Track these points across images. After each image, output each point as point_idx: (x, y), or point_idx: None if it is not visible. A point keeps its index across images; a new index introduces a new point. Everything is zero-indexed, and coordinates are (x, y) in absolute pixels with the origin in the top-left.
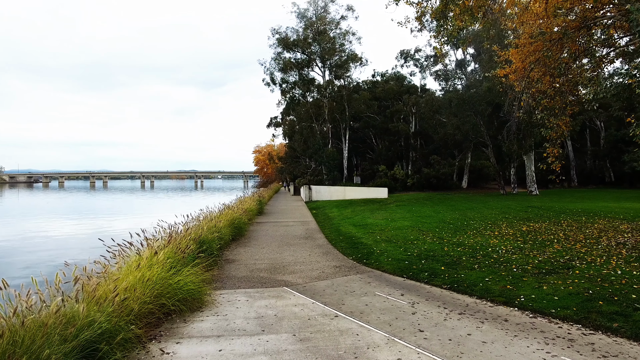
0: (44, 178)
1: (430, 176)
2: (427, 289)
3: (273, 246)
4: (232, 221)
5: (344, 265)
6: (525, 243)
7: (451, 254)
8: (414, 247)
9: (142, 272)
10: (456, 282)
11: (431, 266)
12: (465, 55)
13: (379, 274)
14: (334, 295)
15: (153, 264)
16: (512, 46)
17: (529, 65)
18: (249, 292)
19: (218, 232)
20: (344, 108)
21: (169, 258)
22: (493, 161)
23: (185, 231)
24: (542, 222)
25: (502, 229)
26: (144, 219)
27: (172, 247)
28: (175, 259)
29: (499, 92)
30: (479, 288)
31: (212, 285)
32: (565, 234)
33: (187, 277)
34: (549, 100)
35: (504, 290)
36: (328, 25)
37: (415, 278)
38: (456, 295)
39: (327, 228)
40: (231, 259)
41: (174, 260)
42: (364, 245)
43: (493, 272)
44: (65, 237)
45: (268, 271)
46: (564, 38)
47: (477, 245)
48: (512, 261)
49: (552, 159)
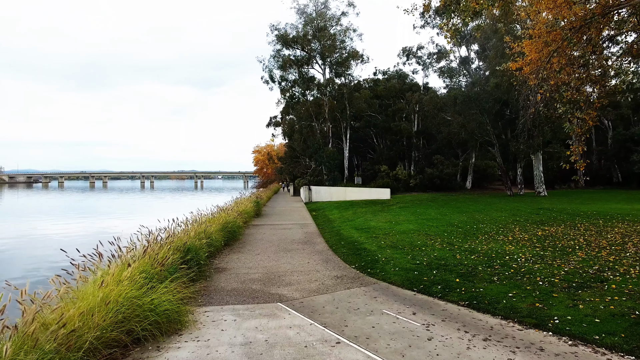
0: (44, 178)
1: (434, 176)
2: (442, 306)
3: (269, 252)
4: (225, 225)
5: (346, 275)
6: (545, 250)
7: (465, 262)
8: (422, 254)
9: (106, 292)
10: (475, 297)
11: (444, 277)
12: (470, 52)
13: (386, 286)
14: (335, 313)
15: (122, 279)
16: (526, 37)
17: (545, 56)
18: (238, 310)
19: (207, 238)
20: (345, 106)
21: (143, 272)
22: (499, 161)
23: (168, 238)
24: (557, 225)
25: (516, 234)
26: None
27: (148, 259)
28: (152, 272)
29: (507, 89)
30: (502, 306)
31: (197, 301)
32: (586, 239)
33: (163, 295)
34: (573, 92)
35: (532, 309)
36: (328, 21)
37: (427, 292)
38: (477, 314)
39: (327, 231)
40: (222, 268)
41: (149, 274)
42: (367, 252)
43: (516, 286)
44: (43, 239)
45: (261, 282)
46: (592, 22)
47: (492, 253)
48: (535, 272)
49: (575, 157)
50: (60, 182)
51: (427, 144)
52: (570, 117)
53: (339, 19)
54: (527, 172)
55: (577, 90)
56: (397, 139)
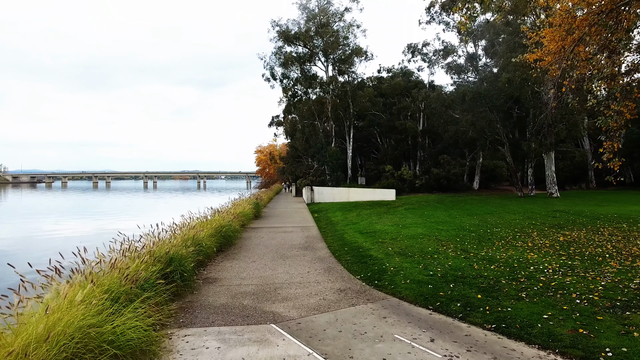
0: (47, 178)
1: (440, 177)
2: (465, 330)
3: (266, 259)
4: (219, 229)
5: (351, 288)
6: (572, 259)
7: (484, 274)
8: (435, 263)
9: (51, 320)
10: (503, 319)
11: (463, 293)
12: (477, 49)
13: (396, 302)
14: (339, 339)
15: (77, 303)
16: (545, 25)
17: (570, 44)
18: (224, 333)
19: (197, 245)
20: (348, 105)
21: (110, 290)
22: (510, 160)
23: (146, 247)
24: (577, 230)
25: (535, 239)
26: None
27: (117, 273)
28: (119, 291)
29: (520, 84)
30: (538, 331)
31: (179, 320)
32: (614, 246)
33: (129, 321)
34: (607, 81)
35: (576, 337)
36: (331, 17)
37: (445, 311)
38: (508, 342)
39: (329, 235)
40: (212, 278)
41: (117, 293)
42: (373, 260)
43: (549, 305)
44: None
45: (254, 297)
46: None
47: (514, 262)
48: (569, 287)
49: (609, 155)
50: (64, 182)
51: (433, 143)
52: (604, 110)
53: (342, 14)
54: (538, 173)
55: (613, 79)
56: (401, 138)
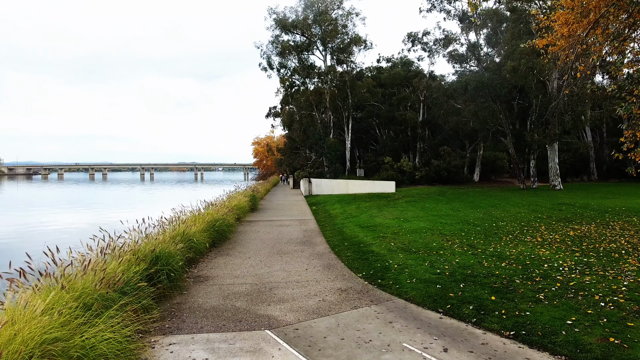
0: (43, 170)
1: (441, 169)
2: (481, 338)
3: (261, 255)
4: (212, 223)
5: (352, 287)
6: (587, 256)
7: (496, 272)
8: (442, 260)
9: (6, 336)
10: (522, 325)
11: (475, 294)
12: (479, 38)
13: (403, 304)
14: (341, 348)
15: (38, 313)
16: (558, 8)
17: (585, 27)
18: (213, 341)
19: (187, 241)
20: (347, 95)
21: (84, 295)
22: (512, 152)
23: (129, 245)
24: (587, 224)
25: (544, 234)
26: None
27: (92, 276)
28: (94, 295)
29: (525, 73)
30: (563, 339)
31: (164, 325)
32: (628, 241)
33: (102, 332)
34: (631, 63)
35: (607, 347)
36: (330, 4)
37: (456, 315)
38: (530, 352)
39: (328, 229)
40: (203, 277)
41: (91, 300)
42: (375, 256)
43: (572, 308)
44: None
45: (248, 298)
46: None
47: (525, 259)
48: (589, 287)
49: (629, 144)
50: (60, 174)
51: (433, 134)
52: (626, 96)
53: (340, 2)
54: (540, 164)
55: (637, 62)
56: (401, 129)
